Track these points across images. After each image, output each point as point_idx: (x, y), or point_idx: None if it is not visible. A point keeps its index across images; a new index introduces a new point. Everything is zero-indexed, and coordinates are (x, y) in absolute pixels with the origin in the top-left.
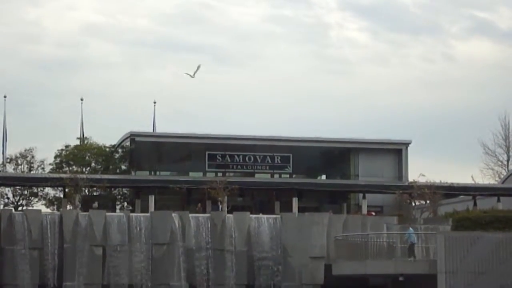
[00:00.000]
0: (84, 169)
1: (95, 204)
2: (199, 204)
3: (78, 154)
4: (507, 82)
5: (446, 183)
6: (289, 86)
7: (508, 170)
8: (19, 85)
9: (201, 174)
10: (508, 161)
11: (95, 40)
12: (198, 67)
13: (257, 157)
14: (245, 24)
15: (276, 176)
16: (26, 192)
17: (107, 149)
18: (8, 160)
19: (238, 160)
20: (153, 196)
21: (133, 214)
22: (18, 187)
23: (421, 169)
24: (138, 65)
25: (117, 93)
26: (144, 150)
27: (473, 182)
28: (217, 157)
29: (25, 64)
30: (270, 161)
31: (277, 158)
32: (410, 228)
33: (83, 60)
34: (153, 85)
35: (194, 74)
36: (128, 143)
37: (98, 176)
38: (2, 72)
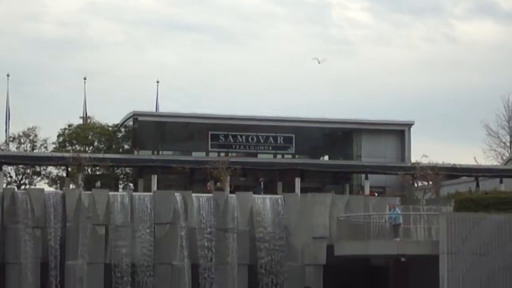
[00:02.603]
0: (87, 148)
1: (98, 183)
2: (208, 183)
3: (81, 133)
4: (510, 63)
5: (449, 164)
6: (291, 66)
7: (511, 152)
8: (21, 64)
9: (203, 154)
10: (511, 142)
11: (97, 19)
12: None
13: (260, 137)
14: (247, 3)
15: (279, 156)
16: (28, 171)
17: (110, 129)
18: (11, 139)
19: (240, 140)
20: (155, 176)
21: (136, 194)
22: (20, 166)
23: (423, 150)
24: (140, 44)
25: (119, 73)
26: (147, 129)
27: (475, 163)
28: (220, 137)
29: (26, 43)
30: (273, 142)
31: (280, 138)
32: (396, 209)
33: (85, 39)
34: (155, 64)
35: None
36: (131, 123)
37: (101, 155)
38: (3, 51)
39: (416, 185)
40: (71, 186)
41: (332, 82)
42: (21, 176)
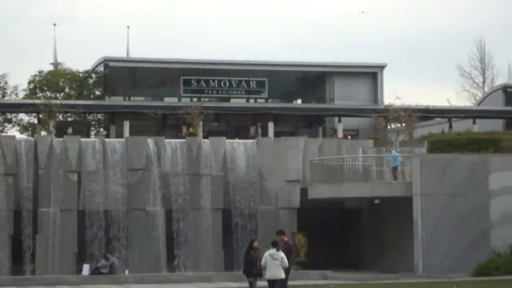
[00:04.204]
0: (58, 95)
1: (70, 130)
2: (184, 128)
3: (52, 80)
4: (482, 4)
5: (422, 105)
6: (263, 9)
7: (483, 92)
8: None
9: (176, 99)
10: (483, 83)
11: None
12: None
13: (233, 82)
14: None
15: (252, 101)
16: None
17: (81, 75)
18: None
19: (213, 85)
20: (128, 122)
21: (108, 140)
22: None
23: (396, 92)
24: None
25: (89, 18)
26: (118, 75)
27: (448, 104)
28: (192, 82)
29: None
30: (245, 86)
31: (253, 82)
32: (393, 151)
33: None
34: (125, 10)
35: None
36: (102, 69)
37: (72, 102)
38: None
39: (389, 127)
40: (43, 133)
41: (304, 25)
42: None
